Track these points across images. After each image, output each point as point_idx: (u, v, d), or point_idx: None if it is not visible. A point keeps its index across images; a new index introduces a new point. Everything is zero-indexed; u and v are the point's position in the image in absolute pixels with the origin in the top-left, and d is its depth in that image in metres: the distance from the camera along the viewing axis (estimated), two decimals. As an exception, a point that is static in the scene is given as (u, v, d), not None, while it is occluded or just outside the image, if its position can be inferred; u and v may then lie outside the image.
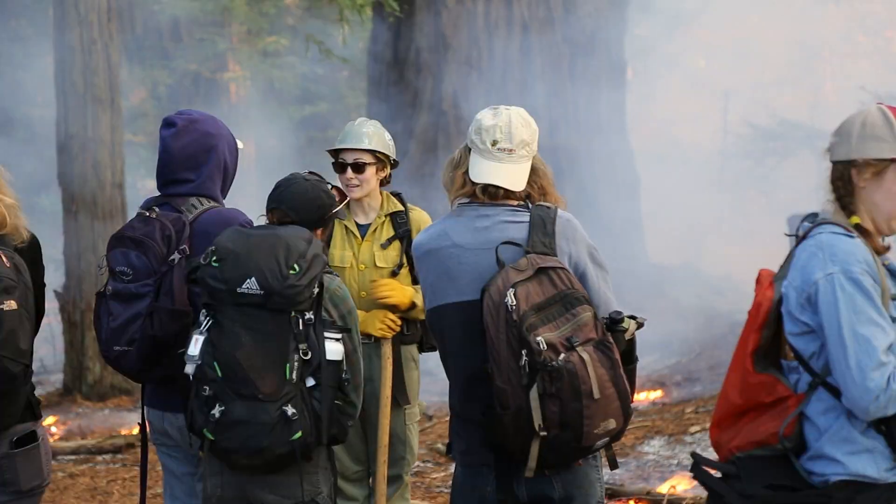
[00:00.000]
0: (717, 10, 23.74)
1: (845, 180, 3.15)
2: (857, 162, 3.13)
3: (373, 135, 5.00)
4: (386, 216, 5.07)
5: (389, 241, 5.04)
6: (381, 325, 4.95)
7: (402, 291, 4.95)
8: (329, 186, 4.09)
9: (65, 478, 7.74)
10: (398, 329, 5.01)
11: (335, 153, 5.05)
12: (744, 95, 24.81)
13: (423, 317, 4.99)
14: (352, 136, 5.01)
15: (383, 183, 5.12)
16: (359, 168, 4.97)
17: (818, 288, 3.04)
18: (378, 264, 5.01)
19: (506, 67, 15.12)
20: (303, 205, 3.93)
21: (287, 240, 3.73)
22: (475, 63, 15.15)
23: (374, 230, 5.05)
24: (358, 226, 5.08)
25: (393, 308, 4.97)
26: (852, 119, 3.18)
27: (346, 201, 4.26)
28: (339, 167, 5.03)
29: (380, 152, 4.99)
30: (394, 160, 5.08)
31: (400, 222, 5.08)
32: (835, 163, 3.18)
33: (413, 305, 4.96)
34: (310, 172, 4.09)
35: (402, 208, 5.10)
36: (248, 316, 3.68)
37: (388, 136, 5.07)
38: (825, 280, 3.03)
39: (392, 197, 5.13)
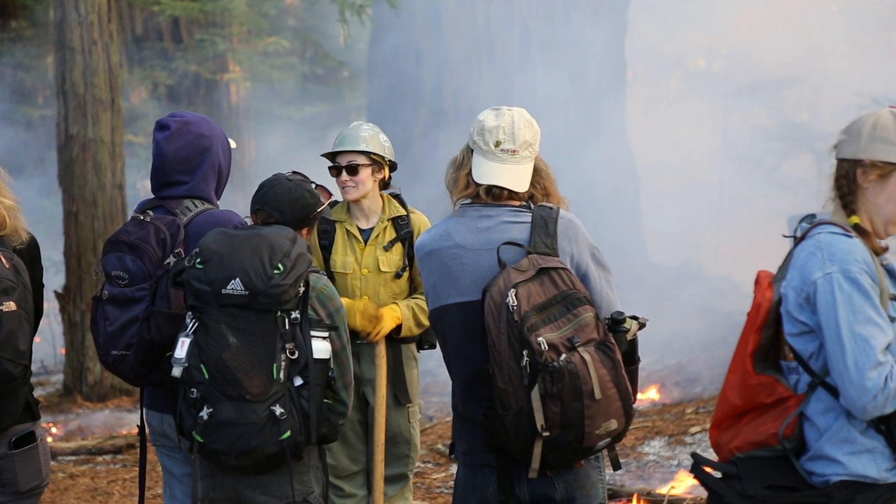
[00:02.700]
0: (717, 11, 23.74)
1: (849, 179, 3.15)
2: (863, 162, 3.13)
3: (368, 137, 5.00)
4: (388, 220, 5.07)
5: (391, 243, 5.04)
6: (363, 320, 4.93)
7: (384, 322, 4.94)
8: (313, 185, 4.08)
9: (65, 478, 7.74)
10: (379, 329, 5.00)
11: (332, 158, 5.06)
12: (744, 96, 24.81)
13: (413, 332, 5.00)
14: (346, 140, 5.01)
15: (383, 186, 5.12)
16: (353, 170, 4.98)
17: (817, 288, 3.04)
18: (381, 269, 5.02)
19: (506, 67, 15.12)
20: (287, 205, 3.93)
21: (271, 239, 3.73)
22: (475, 62, 15.15)
23: (377, 235, 5.06)
24: (360, 231, 5.08)
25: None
26: (864, 119, 3.17)
27: (330, 200, 4.26)
28: (335, 171, 5.03)
29: (374, 154, 4.99)
30: (390, 161, 5.07)
31: (402, 224, 5.08)
32: (841, 160, 3.18)
33: (399, 327, 4.98)
34: (293, 172, 4.08)
35: (403, 212, 5.10)
36: (234, 317, 3.67)
37: (383, 137, 5.07)
38: (824, 280, 3.04)
39: (393, 200, 5.14)
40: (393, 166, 5.10)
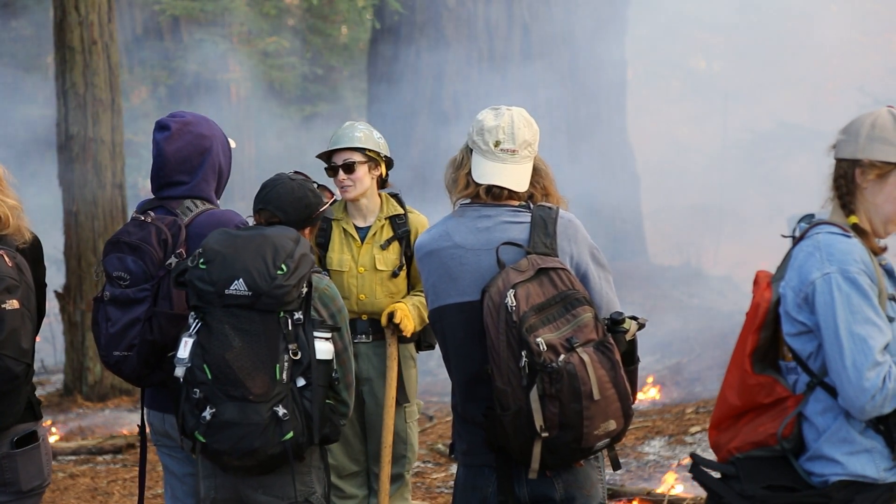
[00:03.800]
0: (717, 11, 23.73)
1: (848, 179, 3.15)
2: (862, 162, 3.13)
3: (362, 136, 5.00)
4: (386, 219, 5.08)
5: (388, 241, 5.05)
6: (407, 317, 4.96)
7: (411, 319, 4.98)
8: (315, 185, 4.09)
9: (65, 478, 7.74)
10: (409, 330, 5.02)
11: (327, 159, 5.05)
12: (744, 96, 24.80)
13: (416, 329, 5.02)
14: (340, 139, 5.01)
15: (381, 185, 5.12)
16: (349, 168, 4.98)
17: (815, 287, 3.04)
18: (378, 267, 5.02)
19: (506, 67, 15.13)
20: (290, 204, 3.93)
21: (274, 240, 3.73)
22: (475, 63, 15.15)
23: (374, 234, 5.06)
24: (357, 229, 5.08)
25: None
26: (862, 119, 3.17)
27: (333, 200, 4.26)
28: (331, 170, 5.03)
29: (369, 150, 4.99)
30: (386, 157, 5.07)
31: (399, 223, 5.08)
32: (839, 160, 3.18)
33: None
34: (295, 172, 4.08)
35: (401, 211, 5.10)
36: (237, 317, 3.68)
37: (377, 134, 5.07)
38: (822, 280, 3.04)
39: (391, 199, 5.14)
40: (389, 163, 5.10)
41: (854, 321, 3.00)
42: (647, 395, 10.33)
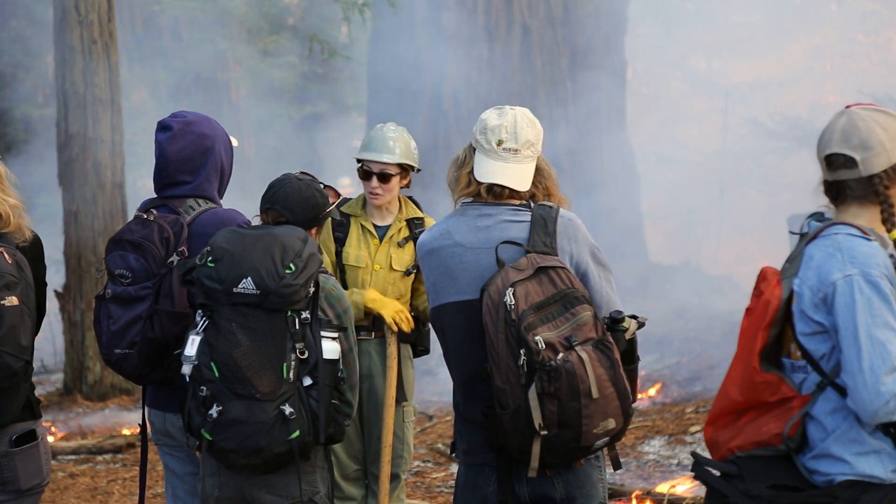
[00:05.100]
0: (717, 11, 23.74)
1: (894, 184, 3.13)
2: None
3: (400, 145, 5.01)
4: (404, 221, 5.11)
5: (406, 240, 5.08)
6: (396, 314, 4.97)
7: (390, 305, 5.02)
8: (322, 186, 4.10)
9: (65, 477, 7.75)
10: (410, 327, 5.03)
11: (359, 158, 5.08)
12: (744, 95, 24.81)
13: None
14: (380, 146, 5.01)
15: (402, 187, 5.17)
16: (384, 178, 5.01)
17: (836, 289, 3.02)
18: (393, 266, 5.05)
19: (506, 67, 15.12)
20: (297, 204, 3.93)
21: (282, 239, 3.74)
22: (475, 63, 15.15)
23: (392, 234, 5.09)
24: (376, 227, 5.10)
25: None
26: (861, 126, 3.12)
27: (339, 200, 4.27)
28: (364, 174, 5.04)
29: (406, 164, 5.02)
30: (417, 169, 5.11)
31: (416, 224, 5.12)
32: (875, 175, 3.11)
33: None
34: (302, 172, 4.09)
35: (419, 214, 5.15)
36: (245, 316, 3.68)
37: (413, 143, 5.10)
38: (844, 281, 3.01)
39: (409, 201, 5.17)
40: (417, 170, 5.15)
41: (874, 325, 2.97)
42: (649, 393, 10.34)
